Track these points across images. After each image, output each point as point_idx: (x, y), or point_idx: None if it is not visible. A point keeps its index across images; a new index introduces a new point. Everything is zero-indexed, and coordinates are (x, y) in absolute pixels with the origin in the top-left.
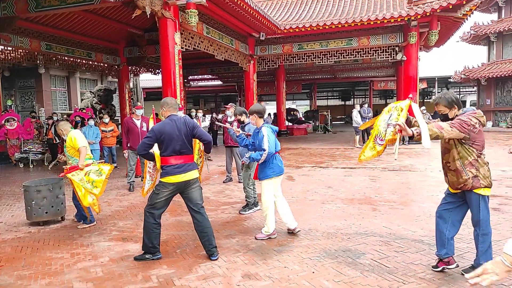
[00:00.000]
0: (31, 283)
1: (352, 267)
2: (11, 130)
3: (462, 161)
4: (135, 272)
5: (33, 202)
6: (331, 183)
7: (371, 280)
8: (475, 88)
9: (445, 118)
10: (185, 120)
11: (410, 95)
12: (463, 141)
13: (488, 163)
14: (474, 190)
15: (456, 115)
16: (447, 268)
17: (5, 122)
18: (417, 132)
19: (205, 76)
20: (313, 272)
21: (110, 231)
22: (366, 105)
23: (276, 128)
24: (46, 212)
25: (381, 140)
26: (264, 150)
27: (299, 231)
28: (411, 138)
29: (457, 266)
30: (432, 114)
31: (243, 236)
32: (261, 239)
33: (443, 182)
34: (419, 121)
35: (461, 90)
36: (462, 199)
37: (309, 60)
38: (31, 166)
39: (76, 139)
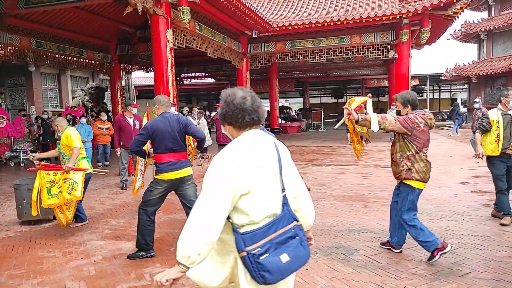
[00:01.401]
0: (23, 282)
1: (345, 263)
2: (0, 129)
3: (402, 154)
4: (128, 270)
5: (24, 201)
6: (324, 180)
7: (364, 276)
8: (466, 86)
9: (399, 113)
10: (178, 118)
11: (369, 94)
12: (405, 137)
13: (428, 161)
14: (405, 181)
15: (406, 114)
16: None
17: None
18: (361, 118)
19: (198, 74)
20: (307, 269)
21: (102, 229)
22: None
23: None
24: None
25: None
26: None
27: None
28: (357, 122)
29: (401, 251)
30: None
31: None
32: None
33: (434, 179)
34: (369, 112)
35: (452, 87)
36: None
37: (301, 58)
38: (22, 165)
39: (72, 138)
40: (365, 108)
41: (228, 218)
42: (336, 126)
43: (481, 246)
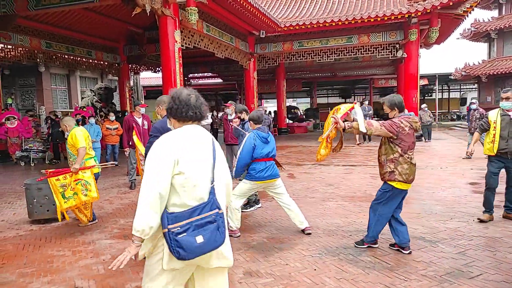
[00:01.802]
0: (33, 280)
1: (354, 264)
2: (11, 129)
3: (386, 156)
4: (137, 269)
5: (35, 200)
6: (331, 180)
7: (373, 277)
8: (476, 86)
9: (387, 116)
10: None
11: (356, 102)
12: (391, 140)
13: (412, 163)
14: (388, 182)
15: (394, 116)
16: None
17: (5, 120)
18: (348, 126)
19: (206, 74)
20: (315, 269)
21: (111, 228)
22: (366, 102)
23: (266, 135)
24: (48, 210)
25: (328, 137)
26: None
27: (309, 233)
28: (344, 130)
29: (410, 253)
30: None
31: (244, 234)
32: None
33: (443, 180)
34: (358, 115)
35: (461, 87)
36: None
37: (309, 58)
38: (32, 165)
39: (77, 138)
40: (355, 114)
41: None
42: (323, 136)
43: (492, 248)
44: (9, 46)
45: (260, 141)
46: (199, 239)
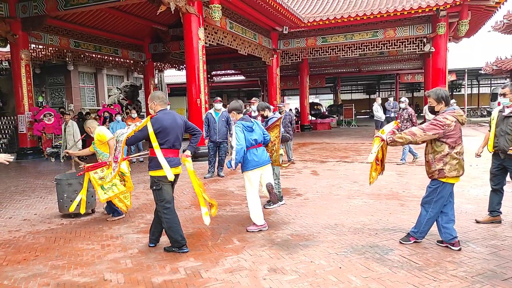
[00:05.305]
0: (64, 272)
1: (380, 263)
2: (48, 125)
3: (433, 155)
4: (163, 264)
5: (65, 195)
6: (356, 178)
7: (400, 277)
8: (508, 80)
9: (432, 110)
10: (177, 115)
11: (397, 121)
12: (438, 138)
13: (461, 158)
14: (438, 179)
15: (440, 110)
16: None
17: (43, 117)
18: (389, 140)
19: (228, 71)
20: (340, 268)
21: (138, 223)
22: (392, 98)
23: (251, 124)
24: (77, 205)
25: (377, 159)
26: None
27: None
28: (388, 144)
29: (460, 249)
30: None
31: (268, 231)
32: (252, 231)
33: (474, 178)
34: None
35: (492, 82)
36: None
37: (333, 54)
38: (61, 161)
39: (103, 133)
40: (398, 131)
41: None
42: (369, 160)
43: None
44: (40, 46)
45: (247, 131)
46: None
